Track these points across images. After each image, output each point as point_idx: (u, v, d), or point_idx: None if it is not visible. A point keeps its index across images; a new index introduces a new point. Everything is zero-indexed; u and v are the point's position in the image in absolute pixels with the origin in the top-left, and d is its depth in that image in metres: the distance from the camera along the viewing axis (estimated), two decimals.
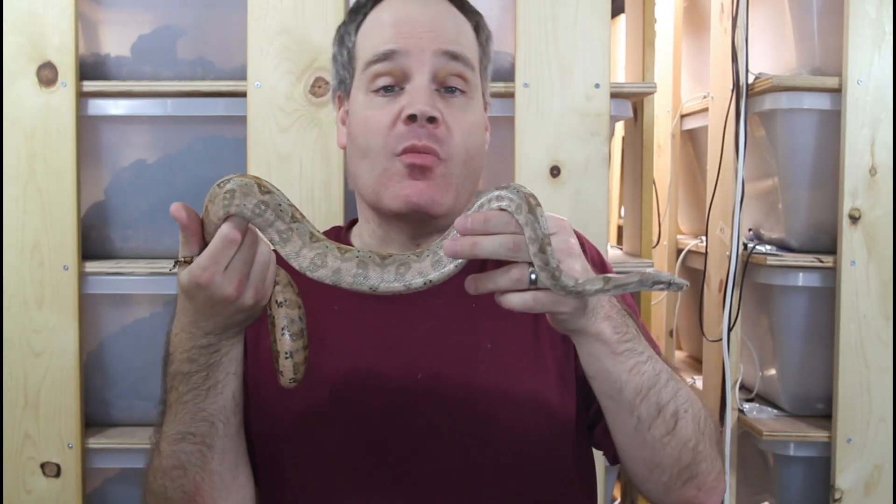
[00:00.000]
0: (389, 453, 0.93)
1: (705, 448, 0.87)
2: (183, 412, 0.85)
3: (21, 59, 1.54)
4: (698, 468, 0.87)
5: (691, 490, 0.87)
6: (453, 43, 0.95)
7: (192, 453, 0.86)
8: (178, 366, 0.83)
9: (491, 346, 0.95)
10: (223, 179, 0.74)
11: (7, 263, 1.55)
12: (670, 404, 0.84)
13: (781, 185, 1.77)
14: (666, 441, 0.84)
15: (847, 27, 1.64)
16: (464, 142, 0.95)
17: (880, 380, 1.66)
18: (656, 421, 0.83)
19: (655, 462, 0.86)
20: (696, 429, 0.86)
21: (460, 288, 0.97)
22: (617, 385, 0.82)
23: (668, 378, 0.85)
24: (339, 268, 0.74)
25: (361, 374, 0.95)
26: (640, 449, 0.86)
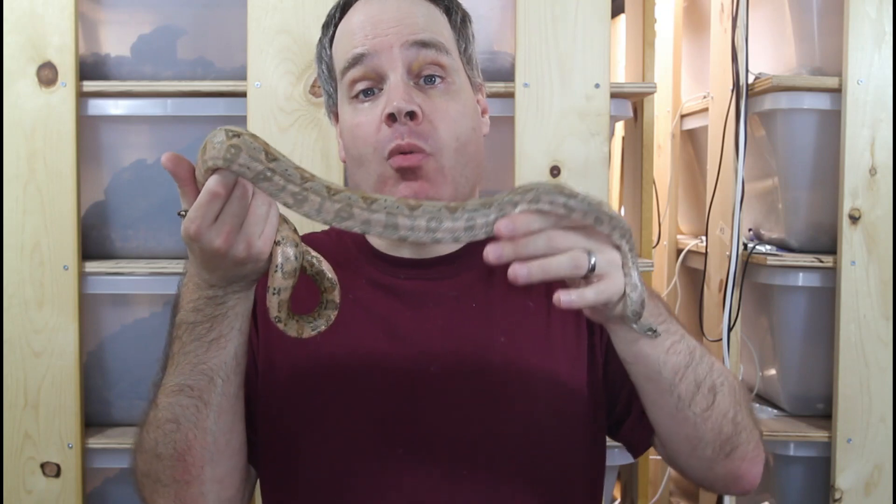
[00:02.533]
0: (400, 445, 0.93)
1: (743, 418, 0.88)
2: (184, 363, 0.83)
3: (21, 59, 1.54)
4: (739, 438, 0.88)
5: (735, 462, 0.89)
6: (421, 31, 0.94)
7: (188, 407, 0.84)
8: (184, 315, 0.82)
9: (505, 339, 0.95)
10: (230, 130, 0.71)
11: (7, 263, 1.55)
12: (707, 379, 0.85)
13: (781, 185, 1.77)
14: (707, 416, 0.85)
15: (847, 27, 1.64)
16: (451, 130, 0.94)
17: (880, 380, 1.66)
18: (696, 397, 0.85)
19: (698, 438, 0.87)
20: (732, 400, 0.87)
21: (474, 281, 0.97)
22: (656, 367, 0.83)
23: (702, 354, 0.86)
24: (367, 219, 0.72)
25: (375, 364, 0.95)
26: (683, 427, 0.87)
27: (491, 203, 0.73)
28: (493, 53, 1.62)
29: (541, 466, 0.95)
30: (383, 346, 0.95)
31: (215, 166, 0.71)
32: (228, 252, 0.74)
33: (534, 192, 0.72)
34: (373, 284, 0.98)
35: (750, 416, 0.91)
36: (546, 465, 0.95)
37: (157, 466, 0.86)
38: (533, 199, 0.72)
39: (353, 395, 0.94)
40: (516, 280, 0.69)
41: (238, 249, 0.74)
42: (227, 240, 0.73)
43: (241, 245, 0.74)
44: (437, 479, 0.93)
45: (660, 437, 0.93)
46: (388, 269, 0.99)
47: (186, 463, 0.85)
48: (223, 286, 0.79)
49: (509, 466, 0.93)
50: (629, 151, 1.93)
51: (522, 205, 0.72)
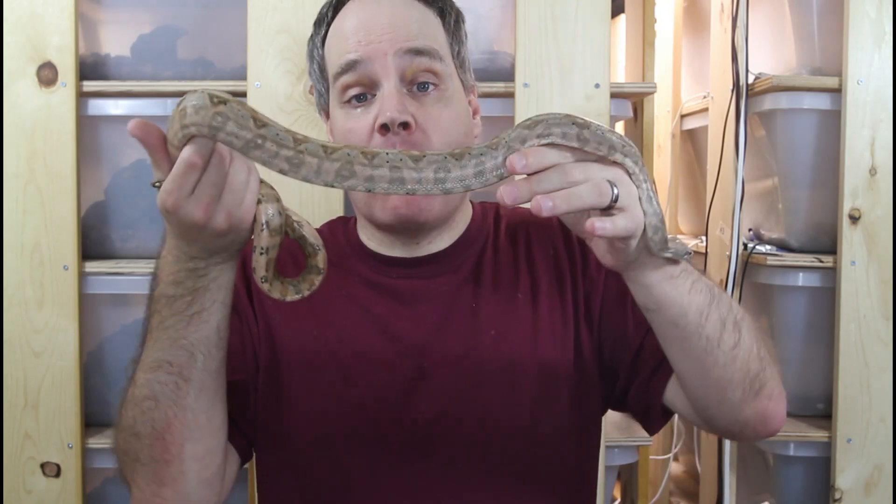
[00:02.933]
0: (395, 438, 0.93)
1: (765, 354, 0.87)
2: (163, 338, 0.79)
3: (21, 59, 1.54)
4: (765, 375, 0.87)
5: (763, 401, 0.87)
6: (415, 38, 0.93)
7: (167, 384, 0.80)
8: (163, 288, 0.78)
9: (495, 332, 0.96)
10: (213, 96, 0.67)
11: (7, 263, 1.55)
12: (730, 315, 0.83)
13: (781, 185, 1.77)
14: (735, 354, 0.83)
15: (847, 27, 1.64)
16: (444, 138, 0.93)
17: (880, 380, 1.66)
18: (723, 335, 0.82)
19: (728, 379, 0.84)
20: (755, 334, 0.86)
21: (465, 278, 0.98)
22: (681, 309, 0.80)
23: (720, 291, 0.84)
24: (371, 175, 0.69)
25: (370, 361, 0.95)
26: (713, 370, 0.84)
27: (497, 143, 0.70)
28: (493, 53, 1.62)
29: (534, 453, 0.95)
30: (377, 343, 0.96)
31: (199, 134, 0.66)
32: (209, 224, 0.70)
33: (543, 123, 0.69)
34: (366, 283, 0.99)
35: (770, 353, 0.89)
36: (538, 453, 0.95)
37: (136, 445, 0.83)
38: (543, 133, 0.69)
39: (348, 393, 0.94)
40: (540, 212, 0.66)
41: (218, 220, 0.71)
42: (207, 211, 0.70)
43: (222, 215, 0.71)
44: (433, 474, 0.93)
45: (688, 389, 0.89)
46: (381, 269, 0.99)
47: (166, 441, 0.82)
48: (204, 258, 0.75)
49: (502, 456, 0.94)
50: None
51: (532, 140, 0.69)
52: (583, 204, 0.67)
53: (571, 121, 0.68)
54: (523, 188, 0.67)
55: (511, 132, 0.70)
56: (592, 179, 0.68)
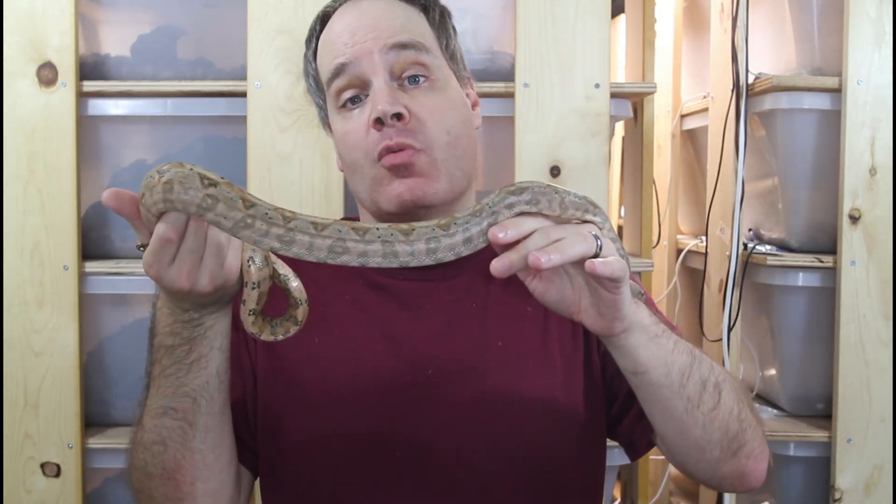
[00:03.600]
0: (397, 447, 0.93)
1: (747, 415, 0.88)
2: (165, 386, 0.82)
3: (21, 59, 1.54)
4: (745, 436, 0.87)
5: (741, 460, 0.88)
6: (399, 33, 0.95)
7: (174, 429, 0.84)
8: (161, 338, 0.81)
9: (502, 343, 0.95)
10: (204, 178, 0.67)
11: (7, 263, 1.55)
12: (710, 376, 0.85)
13: (781, 185, 1.77)
14: (714, 415, 0.85)
15: (847, 27, 1.64)
16: (440, 124, 0.94)
17: (880, 380, 1.66)
18: (703, 396, 0.84)
19: (706, 439, 0.86)
20: (735, 397, 0.87)
21: (473, 282, 0.97)
22: (666, 369, 0.81)
23: (700, 353, 0.86)
24: (364, 251, 0.70)
25: (371, 366, 0.95)
26: (693, 429, 0.85)
27: (481, 210, 0.73)
28: (493, 53, 1.62)
29: (537, 470, 0.94)
30: (379, 349, 0.95)
31: (184, 211, 0.67)
32: (193, 289, 0.72)
33: (529, 192, 0.72)
34: (371, 286, 0.98)
35: (753, 413, 0.90)
36: (543, 467, 0.95)
37: (149, 485, 0.87)
38: (531, 201, 0.72)
39: (348, 399, 0.94)
40: (540, 266, 0.68)
41: (202, 283, 0.72)
42: (189, 278, 0.71)
43: (205, 279, 0.72)
44: (434, 484, 0.92)
45: (667, 445, 0.91)
46: (387, 271, 0.99)
47: (177, 481, 0.85)
48: (197, 310, 0.78)
49: (506, 469, 0.93)
50: (629, 151, 1.93)
51: (520, 206, 0.72)
52: (575, 252, 0.70)
53: (554, 190, 0.73)
54: (513, 255, 0.70)
55: (495, 196, 0.73)
56: (575, 233, 0.72)
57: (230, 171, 1.60)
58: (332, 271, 0.82)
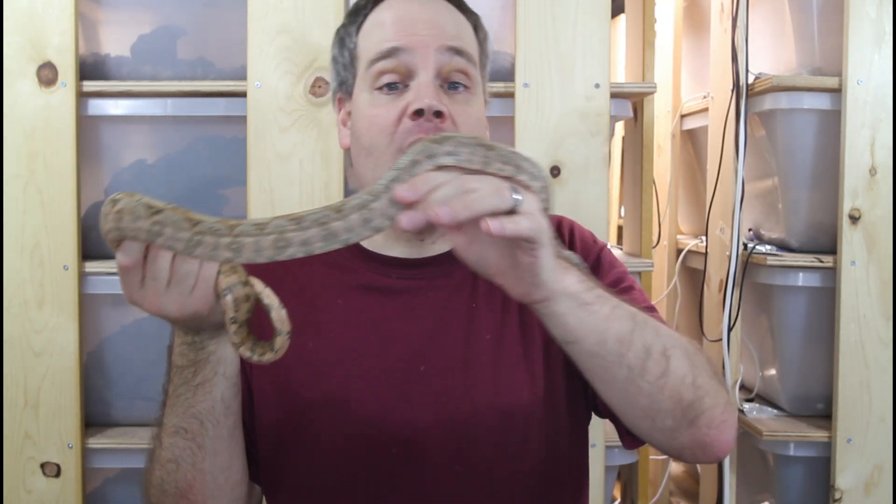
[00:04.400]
0: (393, 444, 0.93)
1: (705, 381, 0.82)
2: (177, 405, 0.85)
3: (21, 59, 1.54)
4: (702, 404, 0.81)
5: (701, 429, 0.82)
6: (455, 39, 0.96)
7: (185, 449, 0.86)
8: (174, 357, 0.84)
9: (490, 336, 0.96)
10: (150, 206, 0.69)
11: (7, 263, 1.55)
12: (656, 343, 0.79)
13: (781, 185, 1.77)
14: (662, 383, 0.79)
15: (847, 27, 1.64)
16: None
17: (880, 380, 1.66)
18: (648, 364, 0.78)
19: (655, 408, 0.81)
20: (689, 364, 0.81)
21: (464, 280, 0.97)
22: (599, 338, 0.76)
23: (645, 319, 0.80)
24: (304, 238, 0.70)
25: (365, 366, 0.95)
26: (638, 399, 0.80)
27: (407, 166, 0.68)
28: (492, 53, 1.62)
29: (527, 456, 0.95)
30: (373, 349, 0.96)
31: (137, 239, 0.70)
32: (161, 313, 0.74)
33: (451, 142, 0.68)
34: (364, 288, 0.99)
35: (714, 380, 0.84)
36: (533, 454, 0.95)
37: (165, 501, 0.89)
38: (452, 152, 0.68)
39: (344, 400, 0.94)
40: (440, 220, 0.64)
41: (169, 310, 0.74)
42: (153, 304, 0.74)
43: (171, 307, 0.74)
44: (431, 479, 0.93)
45: (620, 416, 0.86)
46: (380, 269, 0.99)
47: (189, 500, 0.88)
48: (194, 334, 0.80)
49: (500, 461, 0.94)
50: (629, 151, 1.93)
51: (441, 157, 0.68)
52: (483, 206, 0.65)
53: (478, 142, 0.68)
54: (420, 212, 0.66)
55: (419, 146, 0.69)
56: (491, 185, 0.67)
57: (230, 171, 1.60)
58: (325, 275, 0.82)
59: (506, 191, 0.67)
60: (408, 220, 0.66)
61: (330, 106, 1.54)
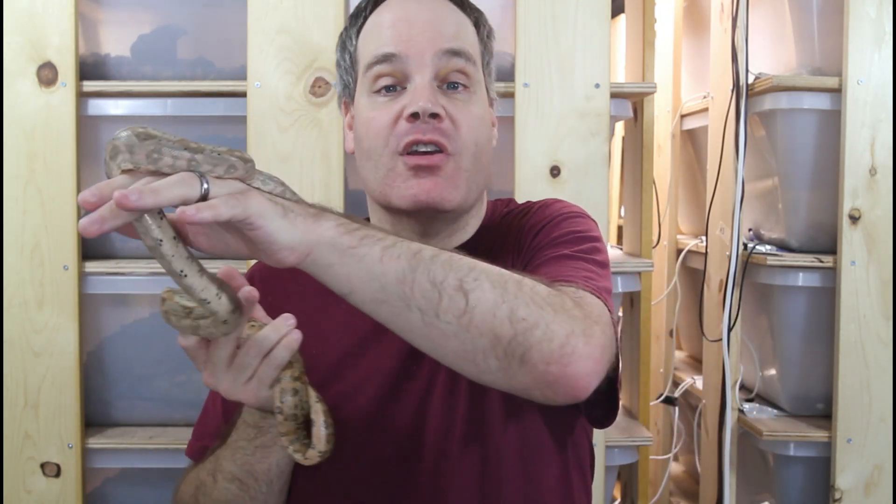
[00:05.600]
0: (388, 445, 0.94)
1: (530, 313, 0.72)
2: (237, 455, 0.89)
3: (21, 59, 1.54)
4: (528, 338, 0.71)
5: (538, 366, 0.72)
6: (453, 40, 0.96)
7: (237, 496, 0.90)
8: (244, 412, 0.88)
9: None
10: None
11: (7, 263, 1.55)
12: (449, 277, 0.71)
13: (781, 185, 1.77)
14: (466, 321, 0.71)
15: (847, 27, 1.64)
16: (472, 134, 0.95)
17: (880, 380, 1.66)
18: (441, 303, 0.71)
19: (470, 349, 0.72)
20: (501, 295, 0.72)
21: None
22: (377, 283, 0.70)
23: (435, 253, 0.73)
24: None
25: (366, 368, 0.96)
26: (446, 343, 0.72)
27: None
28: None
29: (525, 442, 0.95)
30: (373, 350, 0.96)
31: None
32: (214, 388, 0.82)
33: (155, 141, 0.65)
34: None
35: (548, 311, 0.73)
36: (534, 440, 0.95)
37: None
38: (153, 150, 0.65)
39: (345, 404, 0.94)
40: (126, 204, 0.61)
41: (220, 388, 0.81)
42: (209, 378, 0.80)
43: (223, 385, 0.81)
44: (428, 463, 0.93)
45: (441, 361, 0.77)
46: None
47: None
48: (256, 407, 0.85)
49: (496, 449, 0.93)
50: (629, 151, 1.93)
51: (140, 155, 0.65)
52: (172, 194, 0.63)
53: (184, 146, 0.65)
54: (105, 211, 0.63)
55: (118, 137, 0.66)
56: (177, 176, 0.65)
57: None
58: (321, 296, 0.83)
59: (193, 178, 0.65)
60: (88, 221, 0.63)
61: (330, 105, 1.54)
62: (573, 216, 0.97)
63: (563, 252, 0.90)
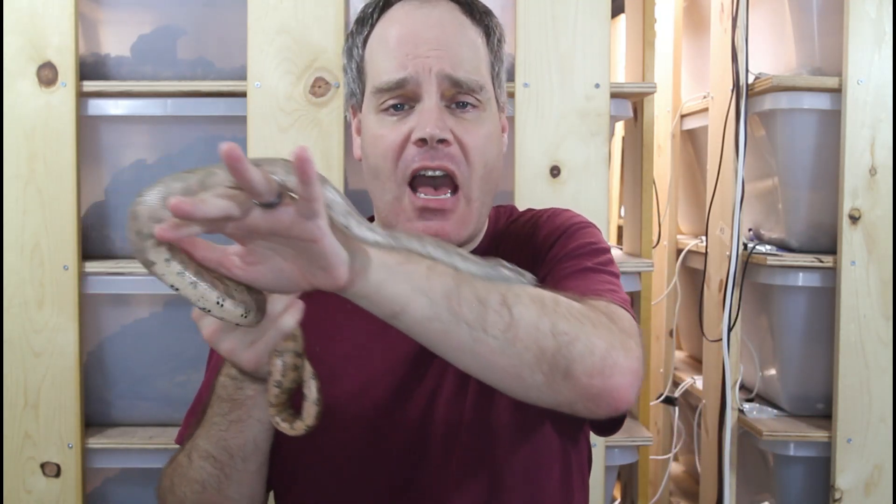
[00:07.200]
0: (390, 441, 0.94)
1: (570, 327, 0.74)
2: (212, 432, 0.87)
3: (21, 59, 1.54)
4: (570, 351, 0.73)
5: (581, 379, 0.73)
6: (461, 65, 0.94)
7: (213, 476, 0.88)
8: (217, 387, 0.85)
9: None
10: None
11: (7, 263, 1.55)
12: (492, 293, 0.73)
13: (781, 185, 1.77)
14: (511, 336, 0.72)
15: (847, 27, 1.64)
16: (480, 157, 0.94)
17: (880, 380, 1.66)
18: (487, 316, 0.72)
19: (517, 364, 0.73)
20: (541, 308, 0.74)
21: None
22: (426, 299, 0.70)
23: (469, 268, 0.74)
24: None
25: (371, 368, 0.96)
26: (494, 359, 0.73)
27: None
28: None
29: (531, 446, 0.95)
30: (378, 351, 0.96)
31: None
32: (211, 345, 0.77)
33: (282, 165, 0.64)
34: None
35: (588, 325, 0.75)
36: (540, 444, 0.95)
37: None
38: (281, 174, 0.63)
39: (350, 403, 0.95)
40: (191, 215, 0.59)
41: (220, 347, 0.76)
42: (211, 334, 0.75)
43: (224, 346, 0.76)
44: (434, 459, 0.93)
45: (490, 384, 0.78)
46: None
47: None
48: (239, 372, 0.81)
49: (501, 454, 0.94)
50: (629, 151, 1.93)
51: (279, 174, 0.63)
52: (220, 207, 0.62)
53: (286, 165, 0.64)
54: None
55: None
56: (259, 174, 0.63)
57: None
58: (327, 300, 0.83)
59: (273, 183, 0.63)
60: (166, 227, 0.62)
61: (330, 106, 1.54)
62: (584, 226, 0.99)
63: (584, 265, 0.91)
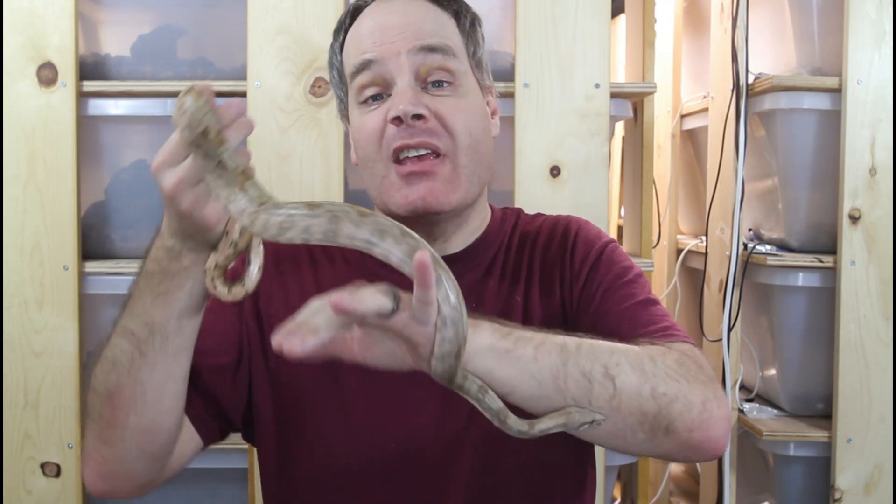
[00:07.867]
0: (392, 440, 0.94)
1: (667, 388, 0.78)
2: (134, 308, 0.84)
3: (21, 59, 1.54)
4: (671, 411, 0.78)
5: (681, 434, 0.78)
6: (428, 36, 0.95)
7: (126, 352, 0.84)
8: (147, 263, 0.82)
9: None
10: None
11: (7, 263, 1.55)
12: (595, 366, 0.76)
13: (781, 185, 1.77)
14: (616, 404, 0.76)
15: (847, 27, 1.64)
16: (463, 127, 0.94)
17: (880, 380, 1.66)
18: (592, 390, 0.76)
19: (622, 428, 0.78)
20: (641, 376, 0.78)
21: (474, 281, 0.97)
22: (534, 381, 0.75)
23: (578, 344, 0.78)
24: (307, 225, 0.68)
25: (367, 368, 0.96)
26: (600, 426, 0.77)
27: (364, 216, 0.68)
28: (493, 53, 1.62)
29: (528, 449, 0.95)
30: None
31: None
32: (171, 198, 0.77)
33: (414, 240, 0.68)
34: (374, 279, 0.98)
35: (683, 381, 0.80)
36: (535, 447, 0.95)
37: (92, 400, 0.87)
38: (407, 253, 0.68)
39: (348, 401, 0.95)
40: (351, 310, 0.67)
41: (181, 201, 0.76)
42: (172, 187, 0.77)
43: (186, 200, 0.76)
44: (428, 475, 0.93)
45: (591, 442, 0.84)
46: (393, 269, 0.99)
47: (113, 405, 0.85)
48: (181, 239, 0.78)
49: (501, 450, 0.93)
50: (629, 151, 1.93)
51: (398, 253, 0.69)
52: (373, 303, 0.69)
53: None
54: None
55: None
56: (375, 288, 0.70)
57: None
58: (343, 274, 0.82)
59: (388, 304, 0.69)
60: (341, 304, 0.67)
61: (330, 106, 1.54)
62: (613, 243, 1.03)
63: (640, 298, 0.92)
